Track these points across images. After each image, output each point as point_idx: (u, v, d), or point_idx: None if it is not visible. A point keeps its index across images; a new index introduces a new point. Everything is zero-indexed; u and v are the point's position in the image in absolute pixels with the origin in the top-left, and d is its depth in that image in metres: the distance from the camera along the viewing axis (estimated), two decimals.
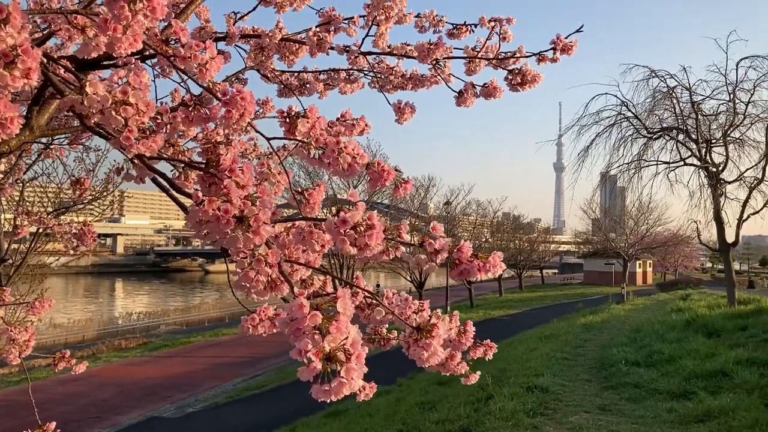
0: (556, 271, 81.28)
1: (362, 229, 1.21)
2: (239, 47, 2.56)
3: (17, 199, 9.70)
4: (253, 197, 1.22)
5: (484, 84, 2.49)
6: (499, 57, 2.48)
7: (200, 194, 1.16)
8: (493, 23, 2.50)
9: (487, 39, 2.40)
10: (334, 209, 1.25)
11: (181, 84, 2.08)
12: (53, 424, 2.27)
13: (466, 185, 38.01)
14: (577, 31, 2.27)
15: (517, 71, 2.39)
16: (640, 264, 55.31)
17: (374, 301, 1.55)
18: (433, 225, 1.32)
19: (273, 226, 1.19)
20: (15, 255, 9.92)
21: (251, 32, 2.53)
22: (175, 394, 16.23)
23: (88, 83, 1.29)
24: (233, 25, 2.50)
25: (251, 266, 1.13)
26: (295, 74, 2.83)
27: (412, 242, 1.32)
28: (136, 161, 1.35)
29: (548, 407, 8.08)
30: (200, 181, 1.29)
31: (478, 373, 1.97)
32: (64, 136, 3.17)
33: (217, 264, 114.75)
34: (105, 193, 10.68)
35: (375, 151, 30.92)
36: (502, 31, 2.35)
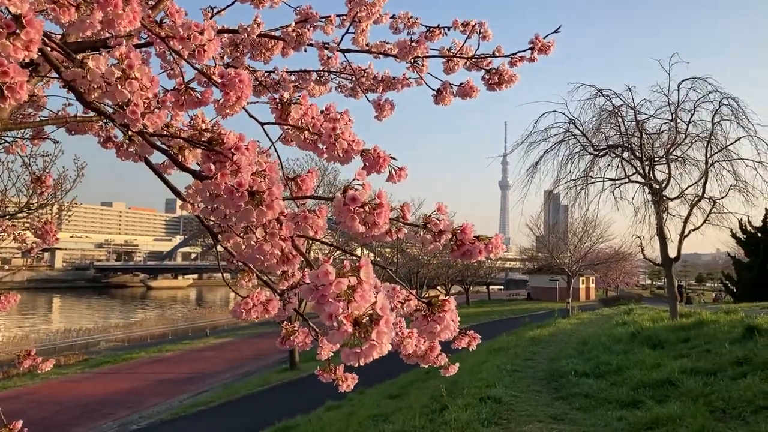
0: (501, 287, 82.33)
1: (371, 207, 1.22)
2: None
3: None
4: (260, 173, 1.21)
5: (461, 84, 2.53)
6: (475, 57, 2.53)
7: (213, 167, 1.15)
8: (465, 26, 2.56)
9: (466, 39, 2.44)
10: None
11: (168, 73, 2.06)
12: (20, 423, 2.18)
13: (416, 200, 38.18)
14: (555, 32, 2.34)
15: (494, 71, 2.44)
16: (583, 280, 56.48)
17: None
18: (438, 206, 1.34)
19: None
20: None
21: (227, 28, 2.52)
22: (117, 411, 15.74)
23: (90, 57, 1.27)
24: (210, 19, 2.48)
25: (265, 239, 1.12)
26: (267, 73, 2.82)
27: (417, 224, 1.33)
28: (135, 138, 1.32)
29: (502, 417, 8.14)
30: (204, 159, 1.28)
31: (457, 364, 1.98)
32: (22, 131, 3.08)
33: (159, 280, 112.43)
34: (54, 201, 10.31)
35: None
36: (482, 30, 2.40)
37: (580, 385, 9.79)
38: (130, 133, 1.27)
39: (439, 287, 48.40)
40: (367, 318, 0.92)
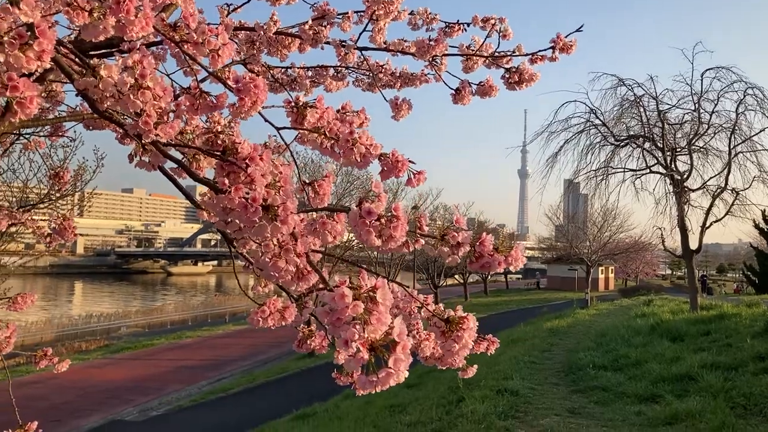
0: (520, 276, 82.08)
1: (386, 220, 1.19)
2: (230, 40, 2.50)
3: None
4: (274, 185, 1.19)
5: (480, 82, 2.49)
6: (495, 55, 2.49)
7: (226, 181, 1.13)
8: (485, 22, 2.51)
9: (486, 37, 2.40)
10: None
11: (184, 70, 2.03)
12: (35, 424, 2.19)
13: (434, 190, 38.11)
14: (577, 30, 2.28)
15: (514, 70, 2.39)
16: (602, 270, 56.14)
17: None
18: (457, 218, 1.31)
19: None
20: None
21: (243, 25, 2.50)
22: (137, 397, 15.92)
23: (102, 66, 1.25)
24: (226, 16, 2.46)
25: (279, 255, 1.10)
26: (284, 70, 2.80)
27: (434, 235, 1.30)
28: (149, 147, 1.31)
29: (519, 410, 8.12)
30: (218, 169, 1.26)
31: (476, 366, 1.96)
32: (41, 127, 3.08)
33: (180, 266, 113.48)
34: (74, 191, 10.42)
35: None
36: (503, 29, 2.35)
37: (598, 378, 9.74)
38: (143, 143, 1.25)
39: (456, 276, 48.31)
40: (384, 344, 0.90)
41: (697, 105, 18.00)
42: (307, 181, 1.60)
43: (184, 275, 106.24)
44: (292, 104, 1.63)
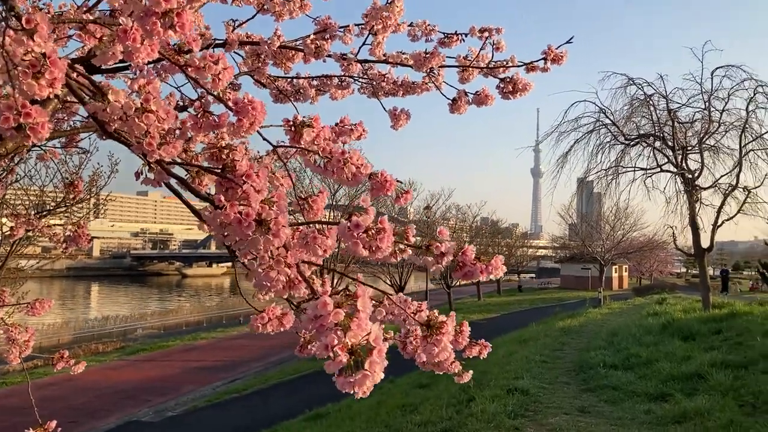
0: (533, 275, 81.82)
1: (374, 232, 1.28)
2: (235, 53, 2.61)
3: None
4: (269, 201, 1.28)
5: (476, 92, 2.58)
6: (490, 66, 2.57)
7: (222, 198, 1.22)
8: (483, 33, 2.59)
9: (480, 49, 2.48)
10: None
11: (179, 89, 2.13)
12: (54, 423, 2.30)
13: (446, 190, 38.14)
14: (567, 42, 2.37)
15: (508, 80, 2.47)
16: (616, 269, 55.91)
17: (375, 302, 1.62)
18: (440, 229, 1.40)
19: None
20: None
21: (249, 39, 2.60)
22: (153, 398, 16.11)
23: (110, 91, 1.35)
24: (232, 32, 2.56)
25: (271, 266, 1.19)
26: (289, 80, 2.89)
27: (419, 245, 1.40)
28: (154, 166, 1.41)
29: (528, 409, 8.18)
30: (217, 186, 1.36)
31: (470, 372, 2.04)
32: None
33: (194, 268, 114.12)
34: (89, 196, 10.61)
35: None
36: (495, 42, 2.44)
37: (609, 378, 9.77)
38: (151, 161, 1.35)
39: None
40: (361, 348, 0.99)
41: (707, 103, 17.95)
42: (302, 197, 1.70)
43: (199, 277, 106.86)
44: (291, 123, 1.73)
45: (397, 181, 1.55)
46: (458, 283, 47.37)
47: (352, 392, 0.98)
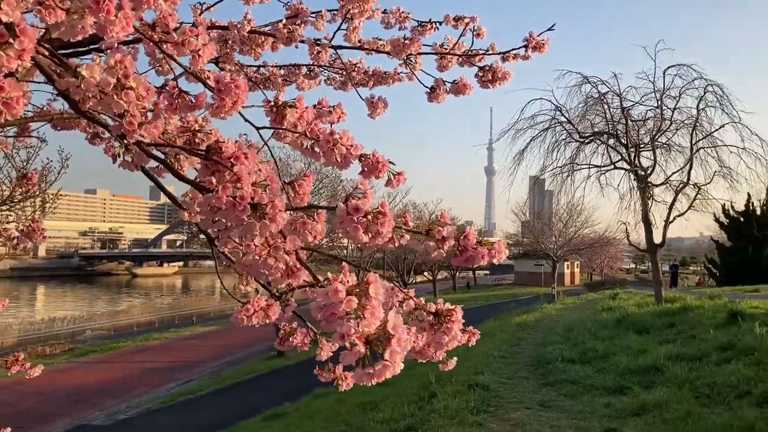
0: (487, 272, 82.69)
1: (374, 216, 1.21)
2: None
3: None
4: (261, 184, 1.19)
5: (454, 81, 2.52)
6: (468, 54, 2.51)
7: (214, 180, 1.13)
8: (457, 21, 2.54)
9: (460, 36, 2.42)
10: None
11: (156, 69, 2.01)
12: (8, 430, 2.15)
13: (403, 187, 38.18)
14: (549, 29, 2.32)
15: (488, 68, 2.42)
16: (568, 265, 56.93)
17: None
18: (441, 212, 1.33)
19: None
20: None
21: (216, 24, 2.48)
22: (104, 400, 15.68)
23: (84, 66, 1.24)
24: (200, 15, 2.44)
25: (269, 253, 1.11)
26: (256, 68, 2.79)
27: (419, 230, 1.32)
28: (132, 147, 1.30)
29: (490, 404, 8.22)
30: (202, 169, 1.25)
31: (455, 358, 1.98)
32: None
33: (145, 267, 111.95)
34: (38, 192, 10.19)
35: None
36: (476, 28, 2.38)
37: (567, 372, 9.89)
38: (126, 143, 1.24)
39: (425, 273, 48.53)
40: (378, 337, 0.91)
41: (659, 102, 18.34)
42: (287, 181, 1.61)
43: (150, 276, 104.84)
44: (272, 104, 1.63)
45: (390, 162, 1.47)
46: (414, 280, 47.59)
47: (369, 383, 0.91)
